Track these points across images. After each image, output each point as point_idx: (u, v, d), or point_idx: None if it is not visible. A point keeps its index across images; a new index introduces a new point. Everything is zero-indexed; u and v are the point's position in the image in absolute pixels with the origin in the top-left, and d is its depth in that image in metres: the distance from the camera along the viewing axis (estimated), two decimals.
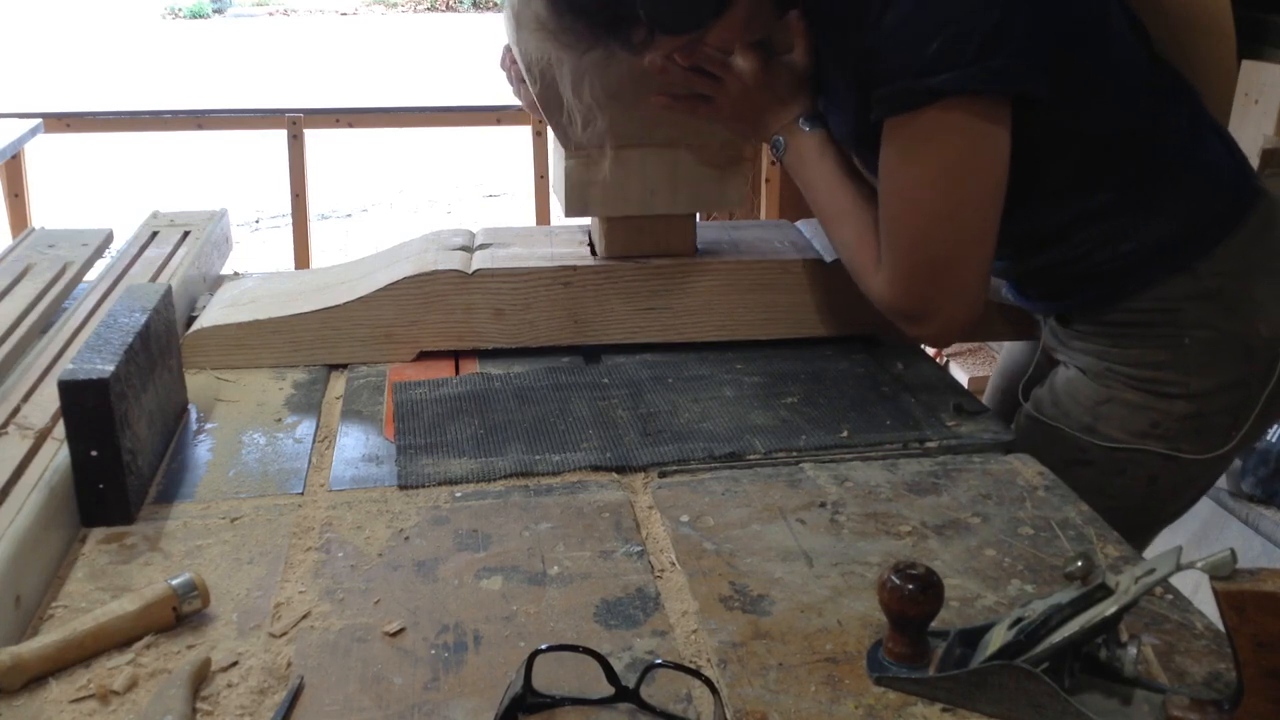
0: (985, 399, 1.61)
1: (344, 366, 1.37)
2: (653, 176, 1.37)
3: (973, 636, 0.82)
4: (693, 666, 0.80)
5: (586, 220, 1.47)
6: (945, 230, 1.11)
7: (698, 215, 1.44)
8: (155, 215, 1.77)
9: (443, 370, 1.36)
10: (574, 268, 1.38)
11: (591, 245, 1.45)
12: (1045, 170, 1.16)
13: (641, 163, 1.37)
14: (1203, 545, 2.28)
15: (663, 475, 1.12)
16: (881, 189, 1.14)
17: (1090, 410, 1.26)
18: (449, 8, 21.85)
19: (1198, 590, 1.12)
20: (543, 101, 1.29)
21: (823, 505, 1.05)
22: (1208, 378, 1.21)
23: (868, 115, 1.11)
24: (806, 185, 1.28)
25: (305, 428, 1.21)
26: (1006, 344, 1.63)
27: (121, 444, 0.99)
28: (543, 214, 3.58)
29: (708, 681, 0.76)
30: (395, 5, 22.39)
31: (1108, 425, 1.25)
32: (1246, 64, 2.39)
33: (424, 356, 1.39)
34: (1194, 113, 1.22)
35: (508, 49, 1.35)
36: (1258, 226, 1.21)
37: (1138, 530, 1.30)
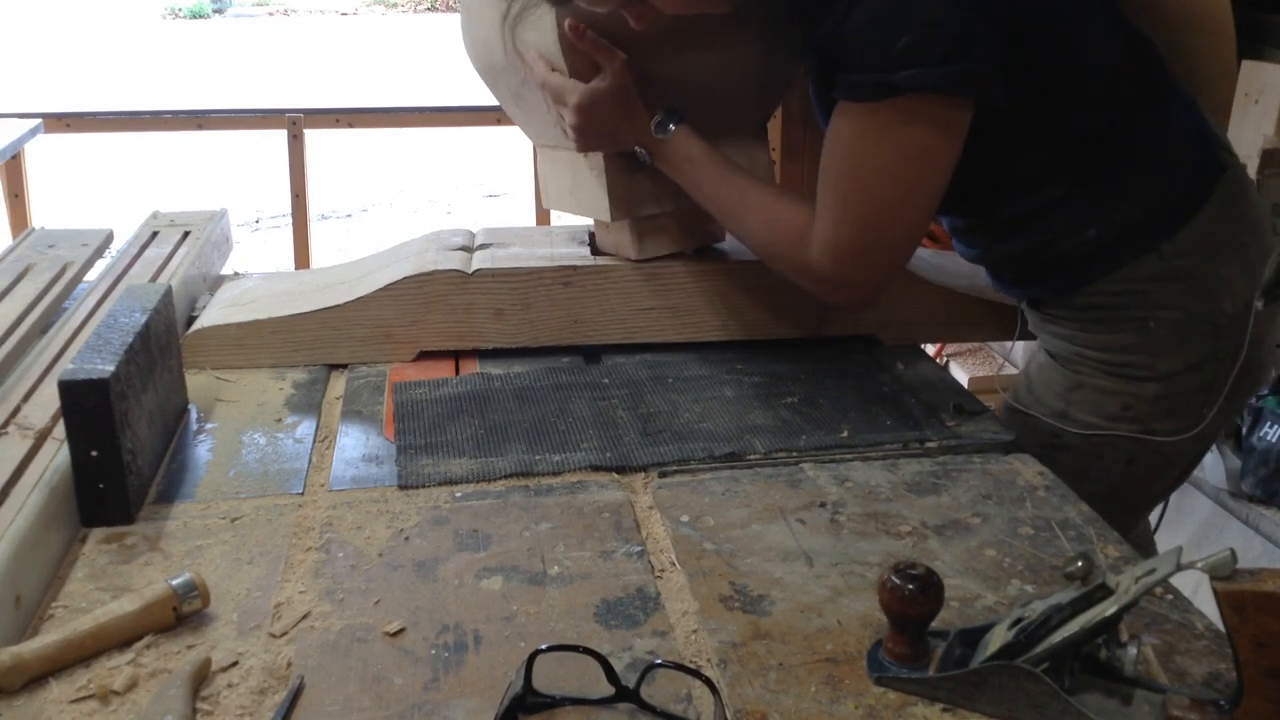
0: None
1: (344, 366, 1.37)
2: (564, 178, 1.41)
3: (973, 636, 0.82)
4: (693, 666, 0.80)
5: (588, 220, 1.47)
6: (896, 214, 1.13)
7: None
8: (155, 215, 1.77)
9: (443, 370, 1.36)
10: (574, 268, 1.38)
11: (592, 245, 1.46)
12: (1008, 164, 1.17)
13: (560, 163, 1.41)
14: (1203, 545, 2.28)
15: (663, 475, 1.12)
16: (833, 166, 1.14)
17: (1062, 396, 1.27)
18: (449, 8, 21.84)
19: (1198, 590, 1.12)
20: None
21: (823, 505, 1.05)
22: (1175, 358, 1.21)
23: (828, 92, 1.13)
24: (688, 187, 1.29)
25: (305, 428, 1.21)
26: (1019, 346, 1.63)
27: (121, 444, 0.99)
28: (543, 214, 3.58)
29: (708, 681, 0.76)
30: (395, 5, 22.40)
31: (1080, 411, 1.26)
32: (1246, 64, 2.39)
33: (424, 356, 1.39)
34: (1162, 96, 1.21)
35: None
36: (1222, 202, 1.21)
37: (1124, 512, 1.31)
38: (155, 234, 1.68)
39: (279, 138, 3.37)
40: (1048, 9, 1.11)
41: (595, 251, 1.43)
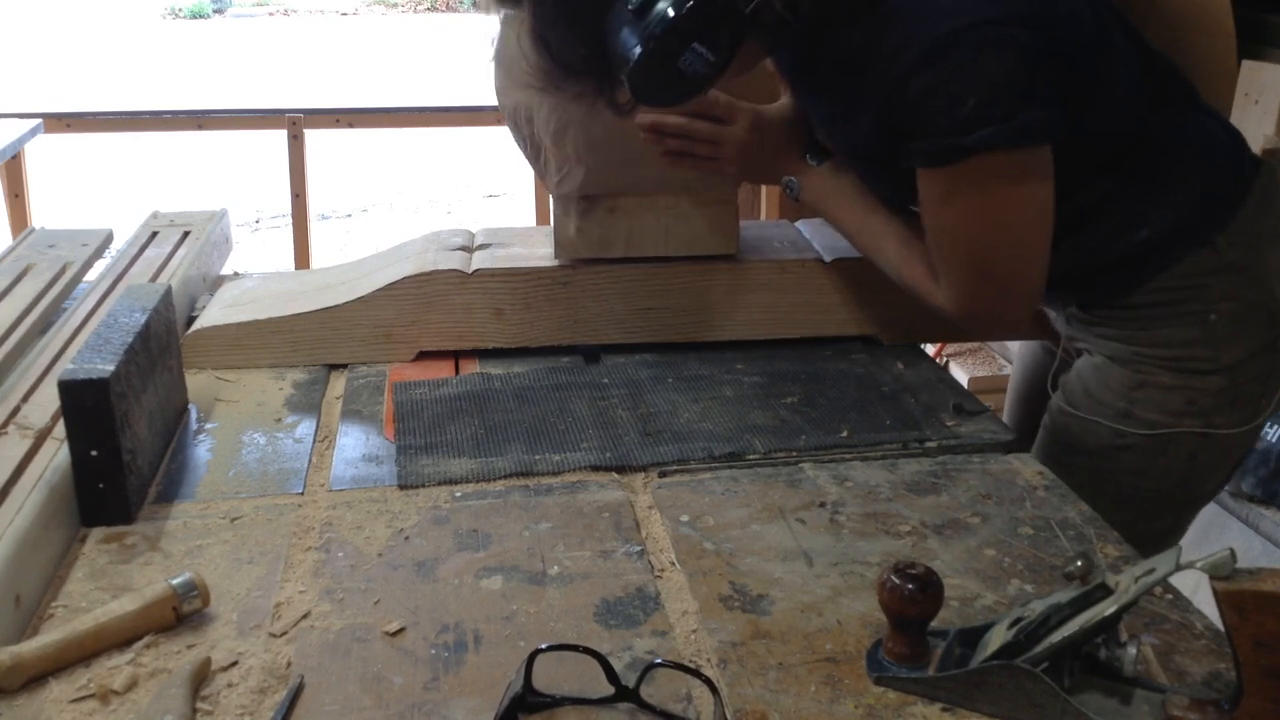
0: (1006, 409, 1.62)
1: (344, 366, 1.37)
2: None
3: (972, 636, 0.82)
4: (693, 666, 0.80)
5: None
6: (998, 255, 1.15)
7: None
8: (155, 215, 1.77)
9: (442, 370, 1.36)
10: (574, 267, 1.38)
11: None
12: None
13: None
14: (1203, 545, 2.28)
15: (663, 475, 1.12)
16: (932, 228, 1.17)
17: (1125, 396, 1.27)
18: (449, 8, 21.84)
19: (1197, 590, 1.12)
20: (530, 150, 1.34)
21: (823, 505, 1.05)
22: (1237, 349, 1.23)
23: (879, 143, 1.14)
24: (833, 218, 1.32)
25: (305, 428, 1.21)
26: (1018, 353, 1.63)
27: (121, 444, 0.99)
28: (543, 214, 3.58)
29: (708, 681, 0.76)
30: (395, 5, 22.39)
31: (1145, 409, 1.26)
32: (1246, 64, 2.39)
33: (424, 356, 1.39)
34: (1186, 96, 1.23)
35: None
36: (1263, 194, 1.23)
37: (1181, 509, 1.34)
38: (155, 234, 1.68)
39: (279, 138, 3.38)
40: (1083, 39, 1.12)
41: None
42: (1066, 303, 1.33)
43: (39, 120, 3.27)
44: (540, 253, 1.42)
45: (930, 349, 3.03)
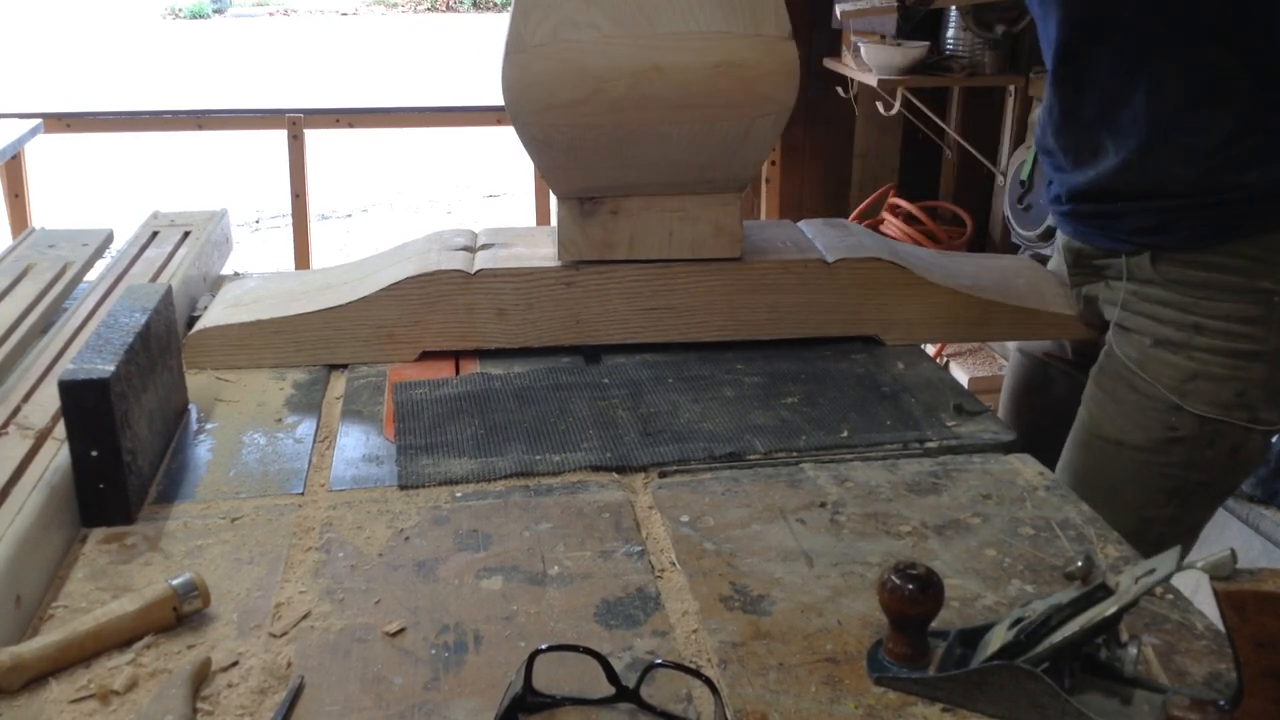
0: (1000, 413, 1.62)
1: (344, 366, 1.37)
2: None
3: (973, 636, 0.82)
4: (693, 666, 0.80)
5: None
6: None
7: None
8: (155, 215, 1.77)
9: (443, 370, 1.36)
10: (577, 268, 1.38)
11: None
12: (1231, 85, 1.19)
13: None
14: (1203, 545, 2.28)
15: (663, 475, 1.12)
16: None
17: (1176, 389, 1.28)
18: (449, 8, 21.84)
19: (1198, 590, 1.12)
20: None
21: (823, 505, 1.05)
22: None
23: None
24: None
25: (305, 428, 1.21)
26: (1010, 358, 1.63)
27: (122, 444, 0.99)
28: (543, 214, 3.58)
29: (708, 681, 0.76)
30: (395, 5, 22.39)
31: (1195, 402, 1.27)
32: None
33: (425, 356, 1.39)
34: None
35: None
36: None
37: (1216, 502, 1.36)
38: (155, 234, 1.68)
39: (279, 138, 3.38)
40: None
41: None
42: (1139, 250, 1.32)
43: (39, 120, 3.28)
44: (543, 252, 1.42)
45: (930, 349, 3.03)
